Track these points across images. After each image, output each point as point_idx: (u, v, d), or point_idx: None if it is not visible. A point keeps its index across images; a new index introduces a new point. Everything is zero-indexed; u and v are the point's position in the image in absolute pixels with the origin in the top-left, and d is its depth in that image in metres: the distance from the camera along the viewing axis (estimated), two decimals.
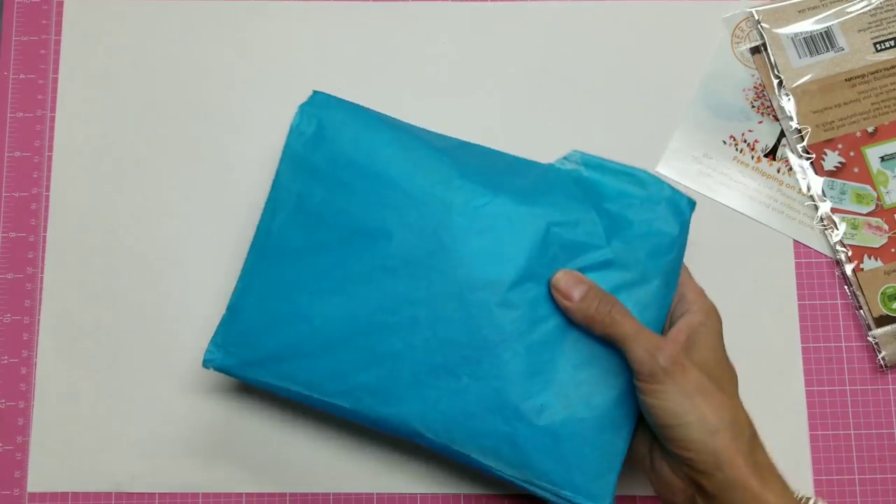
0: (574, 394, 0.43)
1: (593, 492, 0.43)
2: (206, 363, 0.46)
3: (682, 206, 0.45)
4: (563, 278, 0.43)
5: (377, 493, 0.51)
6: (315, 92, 0.48)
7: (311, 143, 0.46)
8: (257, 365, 0.46)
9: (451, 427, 0.44)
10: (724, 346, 0.44)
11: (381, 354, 0.44)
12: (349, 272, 0.45)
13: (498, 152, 0.48)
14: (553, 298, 0.43)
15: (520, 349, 0.43)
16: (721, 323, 0.44)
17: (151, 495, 0.51)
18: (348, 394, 0.45)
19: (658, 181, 0.45)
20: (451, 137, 0.49)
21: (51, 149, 0.54)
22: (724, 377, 0.42)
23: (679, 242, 0.45)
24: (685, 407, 0.39)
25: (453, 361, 0.43)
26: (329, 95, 0.48)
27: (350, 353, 0.44)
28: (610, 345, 0.43)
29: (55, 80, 0.55)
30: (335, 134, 0.46)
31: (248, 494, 0.51)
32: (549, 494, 0.43)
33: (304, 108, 0.47)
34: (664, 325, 0.45)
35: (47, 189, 0.54)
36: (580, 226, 0.44)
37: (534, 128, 0.54)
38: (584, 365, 0.43)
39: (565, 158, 0.47)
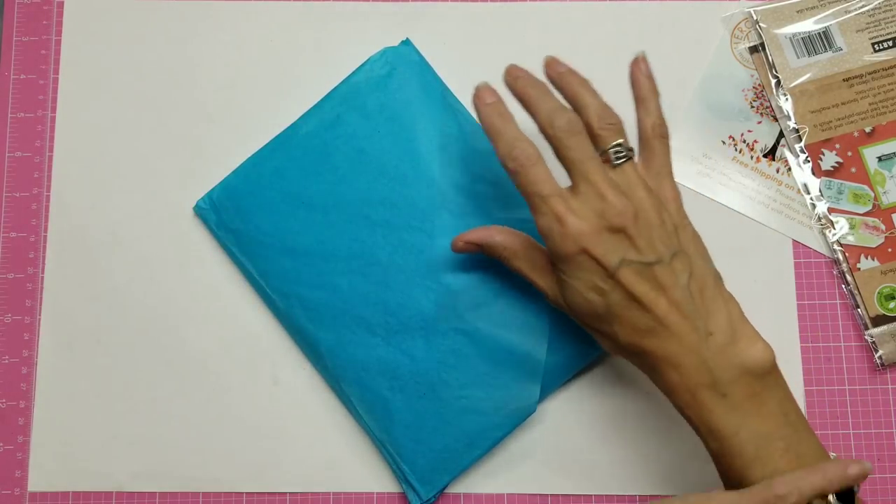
0: (452, 402, 0.48)
1: (427, 479, 0.48)
2: (196, 209, 0.52)
3: None
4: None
5: (377, 493, 0.51)
6: (407, 40, 0.53)
7: (374, 83, 0.51)
8: (232, 233, 0.51)
9: (347, 369, 0.49)
10: None
11: (328, 283, 0.50)
12: (340, 204, 0.50)
13: None
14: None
15: (432, 342, 0.48)
16: None
17: (152, 495, 0.51)
18: (287, 297, 0.50)
19: None
20: None
21: (51, 149, 0.54)
22: None
23: None
24: None
25: (376, 321, 0.49)
26: (415, 51, 0.52)
27: (306, 266, 0.50)
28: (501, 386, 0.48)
29: (55, 80, 0.55)
30: (396, 87, 0.51)
31: (248, 494, 0.51)
32: (392, 462, 0.49)
33: (386, 51, 0.51)
34: None
35: (48, 189, 0.54)
36: None
37: (533, 128, 0.54)
38: (471, 386, 0.48)
39: None
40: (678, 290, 0.40)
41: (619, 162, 0.42)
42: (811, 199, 0.53)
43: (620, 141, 0.42)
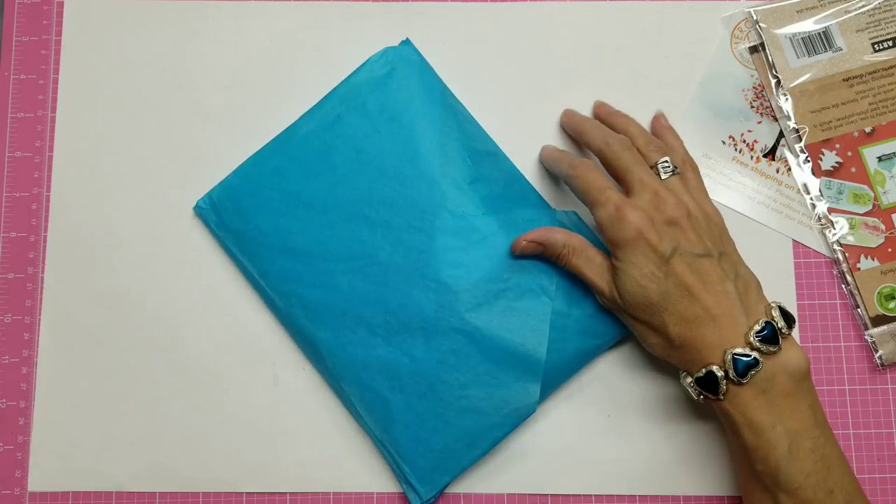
0: (452, 402, 0.48)
1: (426, 479, 0.49)
2: (196, 209, 0.53)
3: None
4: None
5: (377, 493, 0.51)
6: (407, 40, 0.53)
7: (374, 83, 0.51)
8: (231, 233, 0.52)
9: (347, 369, 0.49)
10: None
11: (327, 282, 0.50)
12: (340, 205, 0.50)
13: (521, 177, 0.52)
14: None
15: (432, 342, 0.48)
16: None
17: (152, 495, 0.51)
18: (287, 297, 0.50)
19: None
20: (493, 143, 0.52)
21: (51, 149, 0.54)
22: None
23: None
24: None
25: (376, 321, 0.49)
26: (416, 51, 0.52)
27: (306, 266, 0.50)
28: (503, 386, 0.48)
29: (55, 80, 0.55)
30: (397, 87, 0.51)
31: (248, 494, 0.51)
32: (392, 461, 0.49)
33: (387, 51, 0.52)
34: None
35: (48, 189, 0.54)
36: (539, 277, 0.49)
37: (533, 128, 0.54)
38: (471, 386, 0.48)
39: (565, 213, 0.51)
40: (725, 284, 0.43)
41: (666, 175, 0.46)
42: (811, 199, 0.53)
43: (667, 158, 0.47)
